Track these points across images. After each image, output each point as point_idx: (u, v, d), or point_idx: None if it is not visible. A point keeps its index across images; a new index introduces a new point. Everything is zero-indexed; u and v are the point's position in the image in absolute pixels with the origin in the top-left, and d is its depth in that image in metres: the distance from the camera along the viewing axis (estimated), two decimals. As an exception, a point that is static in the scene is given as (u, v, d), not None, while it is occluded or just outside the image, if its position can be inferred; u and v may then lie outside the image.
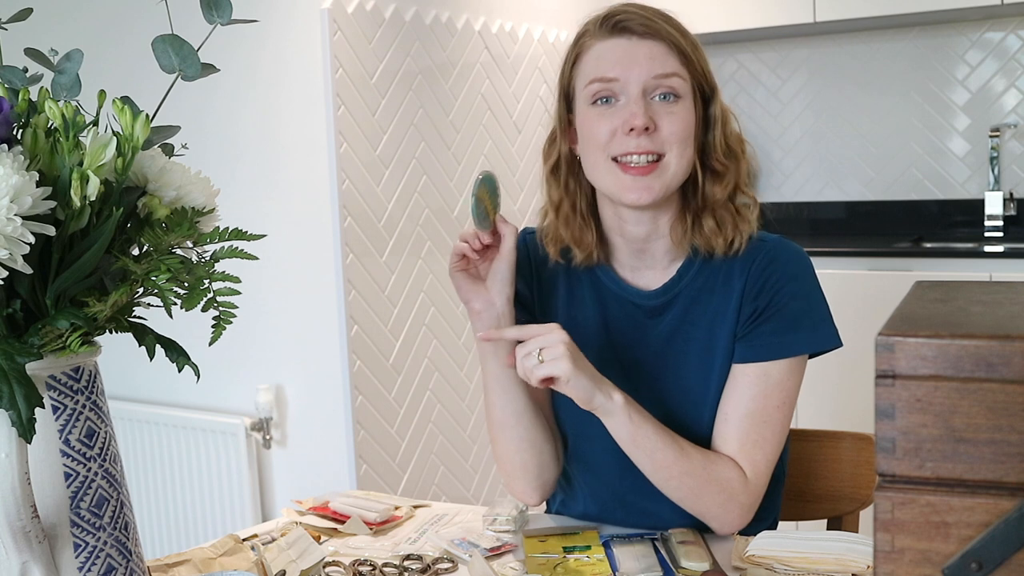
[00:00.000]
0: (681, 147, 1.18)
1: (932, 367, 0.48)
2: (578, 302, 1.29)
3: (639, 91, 1.17)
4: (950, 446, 0.48)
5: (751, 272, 1.21)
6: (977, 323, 0.50)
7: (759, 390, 1.19)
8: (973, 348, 0.47)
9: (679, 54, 1.19)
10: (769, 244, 1.23)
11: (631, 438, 1.16)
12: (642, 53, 1.18)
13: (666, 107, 1.17)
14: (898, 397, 0.48)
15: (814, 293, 1.22)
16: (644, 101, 1.17)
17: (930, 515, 0.48)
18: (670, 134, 1.17)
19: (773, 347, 1.19)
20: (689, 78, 1.19)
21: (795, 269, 1.22)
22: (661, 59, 1.18)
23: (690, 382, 1.23)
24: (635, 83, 1.17)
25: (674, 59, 1.18)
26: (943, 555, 0.48)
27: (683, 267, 1.24)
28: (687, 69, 1.19)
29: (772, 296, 1.20)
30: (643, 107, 1.17)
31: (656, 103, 1.18)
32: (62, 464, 0.82)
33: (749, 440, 1.19)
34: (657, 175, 1.17)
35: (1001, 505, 0.47)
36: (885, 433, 0.49)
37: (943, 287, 0.57)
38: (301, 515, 1.30)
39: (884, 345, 0.49)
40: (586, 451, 1.28)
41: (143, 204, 0.84)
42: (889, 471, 0.49)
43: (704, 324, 1.23)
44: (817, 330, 1.20)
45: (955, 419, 0.48)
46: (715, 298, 1.23)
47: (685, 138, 1.18)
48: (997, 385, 0.47)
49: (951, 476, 0.48)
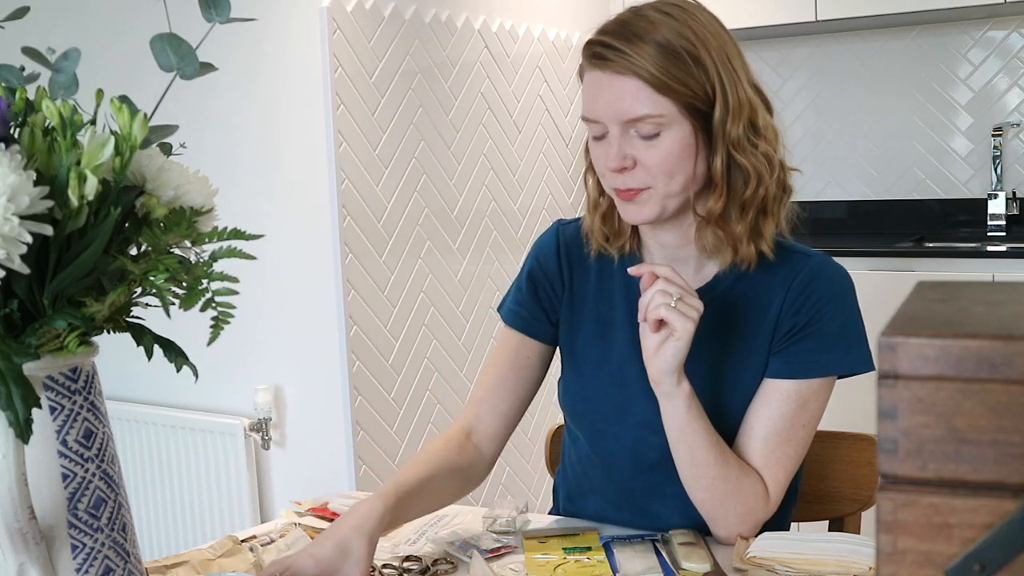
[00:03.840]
0: (667, 177, 1.15)
1: (934, 367, 0.47)
2: (607, 297, 1.28)
3: (617, 129, 1.15)
4: (952, 447, 0.48)
5: (792, 287, 1.20)
6: (980, 323, 0.50)
7: (789, 408, 1.19)
8: (976, 348, 0.47)
9: (652, 86, 1.12)
10: (813, 261, 1.22)
11: (681, 428, 1.15)
12: (613, 93, 1.14)
13: (645, 143, 1.15)
14: (900, 398, 0.48)
15: (853, 314, 1.21)
16: (623, 138, 1.15)
17: (932, 516, 0.48)
18: (650, 169, 1.15)
19: (809, 365, 1.18)
20: (672, 105, 1.13)
21: (838, 289, 1.20)
22: (631, 100, 1.13)
23: (717, 389, 1.22)
24: (612, 122, 1.15)
25: (647, 96, 1.12)
26: (946, 556, 0.48)
27: (721, 274, 1.23)
28: (667, 97, 1.13)
29: (813, 314, 1.19)
30: (618, 148, 1.15)
31: (636, 139, 1.15)
32: (59, 465, 0.82)
33: (773, 458, 1.19)
34: (646, 199, 1.17)
35: (1004, 506, 0.47)
36: (887, 434, 0.48)
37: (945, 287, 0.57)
38: (300, 516, 1.30)
39: (886, 345, 0.48)
40: (603, 449, 1.28)
41: (141, 204, 0.83)
42: (891, 472, 0.49)
43: (738, 333, 1.22)
44: (852, 352, 1.19)
45: (958, 420, 0.47)
46: (752, 309, 1.21)
47: (669, 169, 1.15)
48: (1000, 386, 0.46)
49: (954, 477, 0.48)
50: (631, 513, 1.27)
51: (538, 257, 1.33)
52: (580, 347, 1.30)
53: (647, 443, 1.23)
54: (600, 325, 1.28)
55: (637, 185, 1.16)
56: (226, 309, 0.84)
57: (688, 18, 1.16)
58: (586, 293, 1.30)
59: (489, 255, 2.78)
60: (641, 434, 1.24)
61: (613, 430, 1.26)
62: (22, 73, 0.86)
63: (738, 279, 1.22)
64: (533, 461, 2.90)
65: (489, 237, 2.79)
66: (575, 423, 1.32)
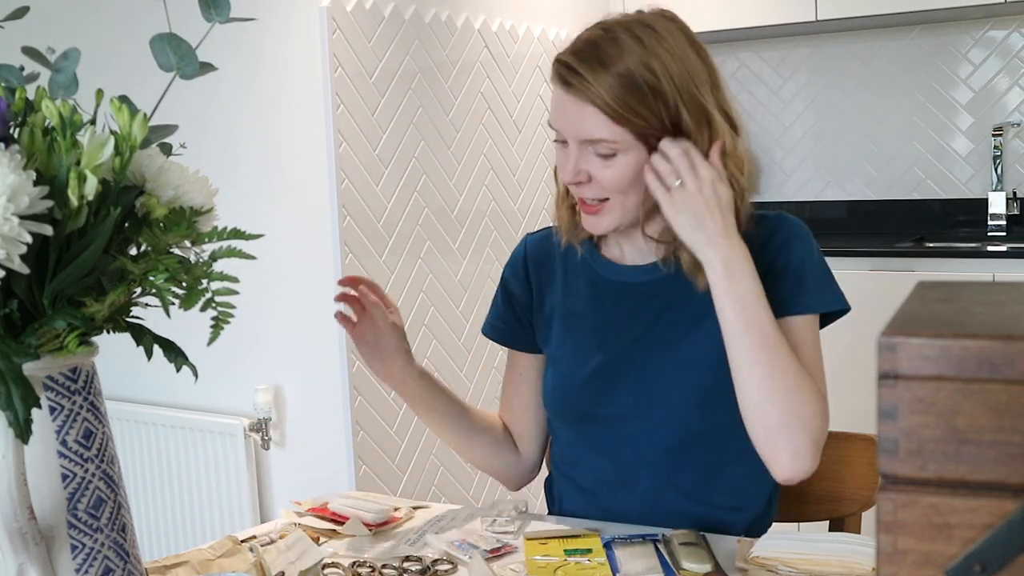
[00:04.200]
0: (621, 195, 1.20)
1: (935, 367, 0.47)
2: (574, 292, 1.32)
3: (575, 144, 1.20)
4: (953, 447, 0.48)
5: (754, 242, 1.21)
6: (980, 323, 0.50)
7: None
8: (976, 348, 0.47)
9: (609, 116, 1.16)
10: (770, 218, 1.25)
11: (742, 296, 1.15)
12: (572, 112, 1.19)
13: (602, 160, 1.19)
14: (900, 398, 0.48)
15: (815, 256, 1.24)
16: (580, 153, 1.20)
17: (933, 516, 0.48)
18: (604, 185, 1.20)
19: (784, 304, 1.20)
20: (627, 134, 1.16)
21: (795, 232, 1.24)
22: (588, 124, 1.18)
23: (691, 351, 1.24)
24: (571, 139, 1.20)
25: (602, 123, 1.16)
26: (946, 557, 0.48)
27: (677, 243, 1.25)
28: (623, 127, 1.16)
29: (775, 256, 1.21)
30: (574, 161, 1.20)
31: (593, 155, 1.19)
32: (59, 465, 0.82)
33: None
34: (605, 213, 1.22)
35: (1004, 506, 0.47)
36: (887, 434, 0.48)
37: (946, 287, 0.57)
38: (300, 516, 1.30)
39: (886, 345, 0.48)
40: (588, 437, 1.30)
41: (141, 203, 0.83)
42: (891, 472, 0.49)
43: (704, 293, 1.21)
44: (823, 292, 1.22)
45: (958, 420, 0.47)
46: None
47: (623, 188, 1.20)
48: (1000, 386, 0.46)
49: (954, 477, 0.48)
50: (627, 493, 1.27)
51: (510, 270, 1.39)
52: (555, 344, 1.33)
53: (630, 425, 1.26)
54: (570, 319, 1.32)
55: (594, 197, 1.21)
56: (226, 309, 0.84)
57: (657, 44, 1.16)
58: (555, 294, 1.34)
59: (489, 255, 2.78)
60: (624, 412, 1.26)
61: (595, 414, 1.28)
62: (22, 73, 0.86)
63: None
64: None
65: (489, 237, 2.79)
66: (559, 419, 1.34)
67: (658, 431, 1.25)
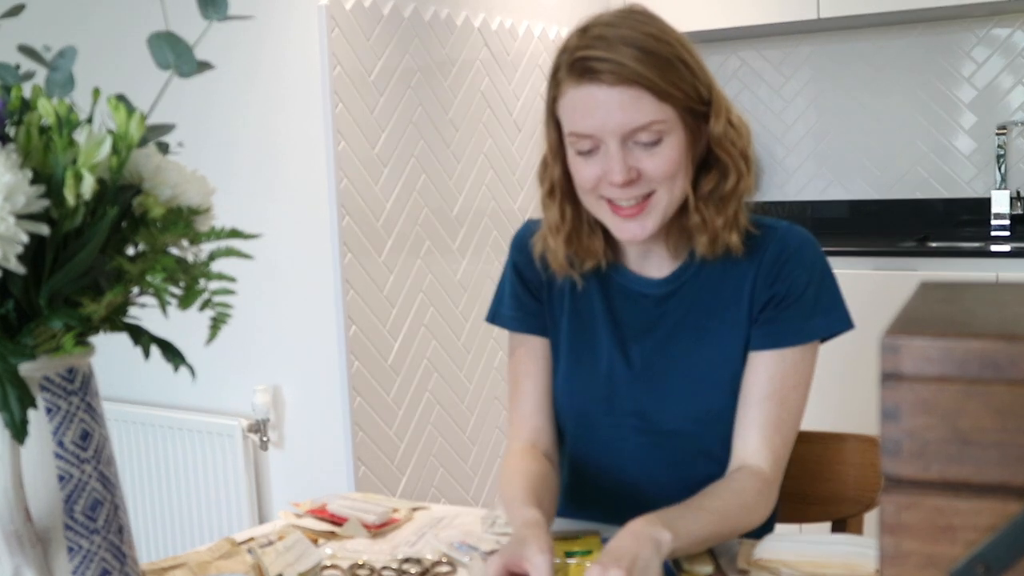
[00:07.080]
0: (670, 182, 1.16)
1: (938, 368, 0.47)
2: (583, 295, 1.29)
3: (617, 143, 1.13)
4: (956, 448, 0.47)
5: (764, 260, 1.21)
6: (983, 324, 0.49)
7: (777, 372, 1.20)
8: (979, 349, 0.46)
9: (654, 93, 1.11)
10: (780, 232, 1.23)
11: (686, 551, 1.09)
12: (614, 105, 1.11)
13: (648, 151, 1.14)
14: (903, 398, 0.48)
15: (827, 277, 1.23)
16: (623, 150, 1.13)
17: (936, 518, 0.48)
18: (655, 175, 1.15)
19: (791, 333, 1.20)
20: (672, 110, 1.13)
21: (808, 256, 1.22)
22: (633, 109, 1.11)
23: (702, 368, 1.23)
24: (611, 136, 1.13)
25: (649, 103, 1.11)
26: (949, 558, 0.48)
27: (692, 254, 1.25)
28: (668, 103, 1.12)
29: (789, 284, 1.21)
30: (621, 160, 1.13)
31: (637, 149, 1.14)
32: (56, 466, 0.81)
33: (769, 423, 1.19)
34: (648, 212, 1.17)
35: (1008, 508, 0.47)
36: (890, 435, 0.48)
37: (949, 287, 0.57)
38: (298, 518, 1.29)
39: (889, 346, 0.48)
40: (593, 440, 1.30)
41: (138, 203, 0.83)
42: (894, 473, 0.48)
43: (716, 309, 1.23)
44: (830, 314, 1.22)
45: (961, 421, 0.47)
46: (724, 286, 1.23)
47: (673, 174, 1.15)
48: (1004, 387, 0.46)
49: (957, 479, 0.47)
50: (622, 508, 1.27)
51: (517, 252, 1.33)
52: (563, 341, 1.31)
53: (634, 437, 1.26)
54: (578, 323, 1.30)
55: (642, 192, 1.16)
56: (224, 309, 0.84)
57: (652, 21, 1.16)
58: (564, 292, 1.30)
59: (489, 255, 2.78)
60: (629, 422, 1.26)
61: (600, 421, 1.27)
62: (18, 71, 0.86)
63: (706, 261, 1.24)
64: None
65: (489, 237, 2.78)
66: (562, 421, 1.32)
67: (662, 445, 1.25)
